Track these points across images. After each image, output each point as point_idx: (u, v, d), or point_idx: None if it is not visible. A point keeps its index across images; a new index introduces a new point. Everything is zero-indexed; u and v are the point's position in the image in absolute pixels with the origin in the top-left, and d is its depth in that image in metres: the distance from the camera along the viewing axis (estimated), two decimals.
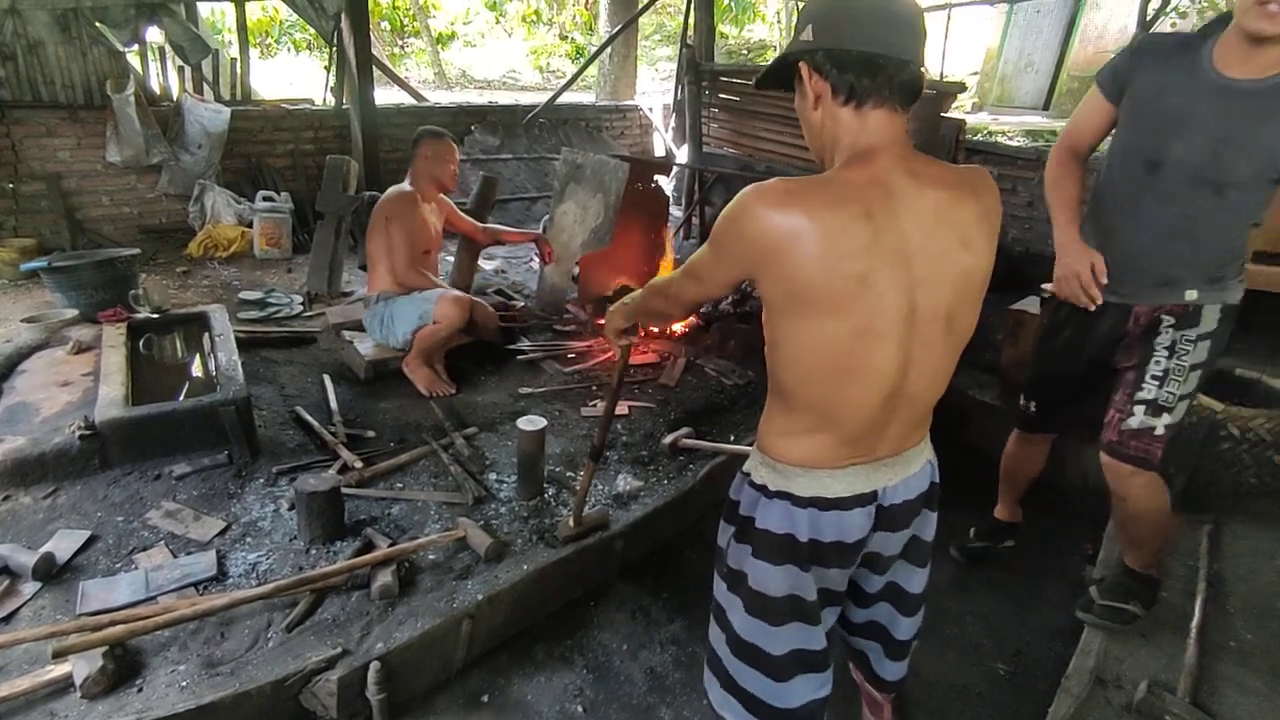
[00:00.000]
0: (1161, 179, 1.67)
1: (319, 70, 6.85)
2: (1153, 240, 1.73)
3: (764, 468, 1.18)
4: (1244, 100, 1.55)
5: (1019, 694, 1.97)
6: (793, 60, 1.07)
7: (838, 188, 1.01)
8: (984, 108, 11.49)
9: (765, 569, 1.17)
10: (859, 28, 1.00)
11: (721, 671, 1.31)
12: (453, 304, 2.94)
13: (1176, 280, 1.74)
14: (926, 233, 1.02)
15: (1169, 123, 1.64)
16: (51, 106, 4.68)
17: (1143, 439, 1.76)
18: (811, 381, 1.07)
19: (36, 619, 1.80)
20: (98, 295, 3.28)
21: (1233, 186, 1.61)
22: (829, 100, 1.04)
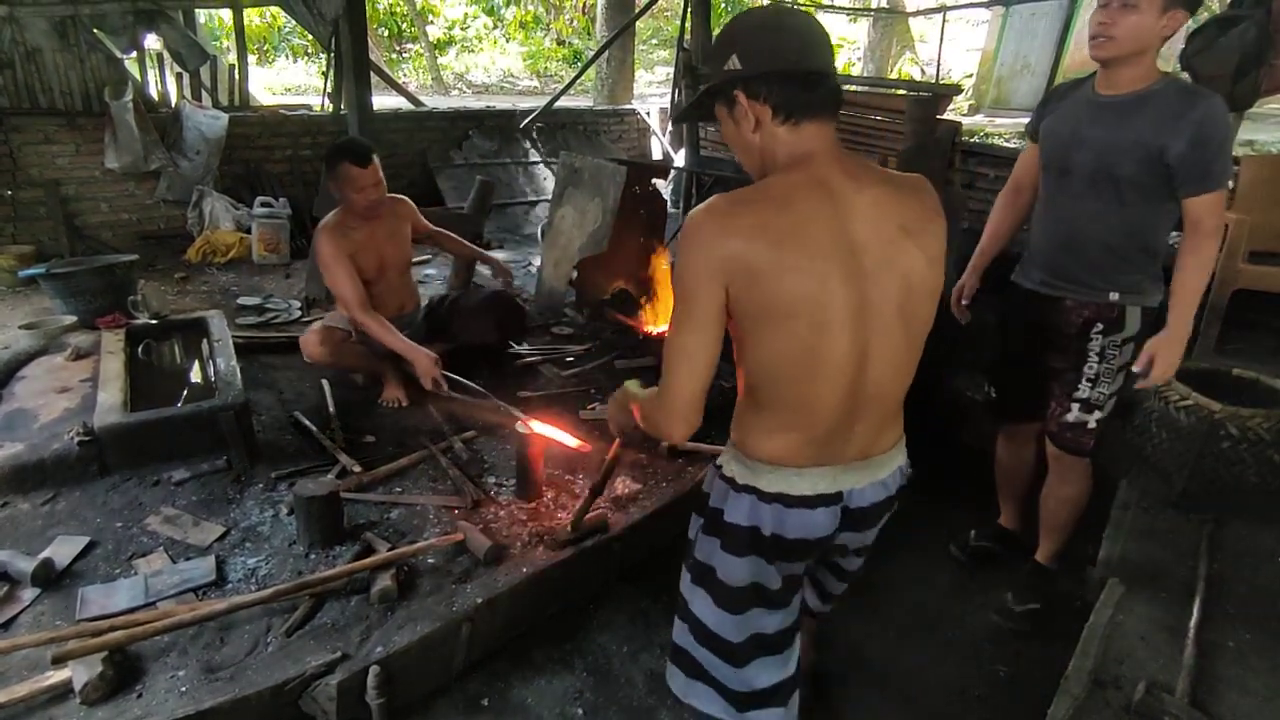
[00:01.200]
0: (1070, 182, 1.97)
1: (317, 76, 6.86)
2: (1070, 237, 1.99)
3: (734, 462, 1.20)
4: (1113, 111, 1.86)
5: (1018, 695, 1.97)
6: (723, 89, 1.10)
7: (780, 190, 1.06)
8: (980, 110, 11.53)
9: (731, 561, 1.21)
10: (786, 50, 1.05)
11: (687, 661, 1.34)
12: (311, 333, 2.76)
13: (1095, 279, 1.97)
14: (871, 227, 1.07)
15: (1069, 138, 1.95)
16: (50, 113, 4.69)
17: (1077, 431, 2.08)
18: (778, 381, 1.11)
19: (36, 625, 1.80)
20: (96, 301, 3.27)
21: (1126, 184, 1.86)
22: (769, 121, 1.08)
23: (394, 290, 2.98)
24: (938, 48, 8.93)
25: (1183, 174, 1.77)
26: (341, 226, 2.76)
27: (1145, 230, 1.92)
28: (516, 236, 5.99)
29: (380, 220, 2.84)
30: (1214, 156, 1.75)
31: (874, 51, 12.92)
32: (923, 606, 2.31)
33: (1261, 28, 3.20)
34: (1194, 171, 1.76)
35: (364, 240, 2.79)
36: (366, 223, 2.79)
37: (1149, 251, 1.95)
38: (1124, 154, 1.84)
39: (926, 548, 2.56)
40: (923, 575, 2.45)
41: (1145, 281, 1.97)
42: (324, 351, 2.72)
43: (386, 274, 2.92)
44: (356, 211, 2.73)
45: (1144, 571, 2.13)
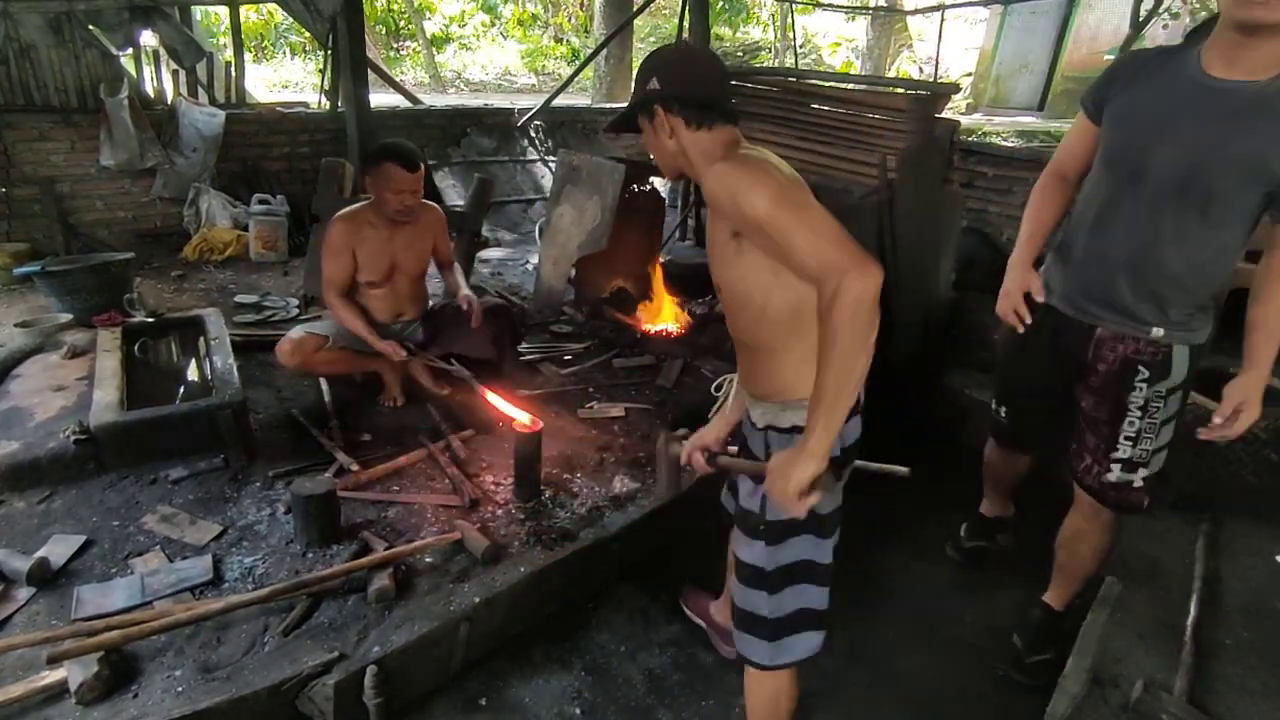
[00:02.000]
0: (1143, 188, 1.58)
1: (314, 73, 6.84)
2: (1130, 257, 1.64)
3: (788, 411, 1.36)
4: (1231, 102, 1.43)
5: (1017, 694, 1.98)
6: (645, 105, 1.37)
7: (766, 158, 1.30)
8: (978, 109, 11.54)
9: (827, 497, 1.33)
10: (693, 78, 1.35)
11: (773, 625, 1.46)
12: (284, 341, 2.73)
13: (1142, 310, 1.66)
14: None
15: (1150, 128, 1.55)
16: (44, 110, 4.66)
17: (1123, 491, 1.81)
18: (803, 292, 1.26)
19: (31, 625, 1.79)
20: (92, 299, 3.26)
21: (1217, 203, 1.50)
22: (682, 130, 1.35)
23: (400, 296, 2.92)
24: (936, 46, 8.93)
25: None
26: (358, 220, 2.74)
27: (1222, 258, 1.59)
28: (515, 234, 5.98)
29: (403, 226, 2.79)
30: None
31: (872, 50, 12.92)
32: (922, 606, 2.32)
33: None
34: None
35: (377, 241, 2.76)
36: (387, 225, 2.76)
37: (1217, 283, 1.63)
38: (1233, 162, 1.45)
39: (926, 547, 2.56)
40: (922, 575, 2.45)
41: (1197, 317, 1.67)
42: (295, 361, 2.71)
43: (395, 279, 2.87)
44: (385, 212, 2.71)
45: (1142, 570, 2.14)
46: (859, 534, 1.58)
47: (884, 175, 3.36)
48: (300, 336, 2.72)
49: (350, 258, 2.75)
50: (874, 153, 3.43)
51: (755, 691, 1.58)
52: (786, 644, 1.48)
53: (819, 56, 15.68)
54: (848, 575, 1.61)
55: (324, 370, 2.87)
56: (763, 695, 1.57)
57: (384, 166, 2.60)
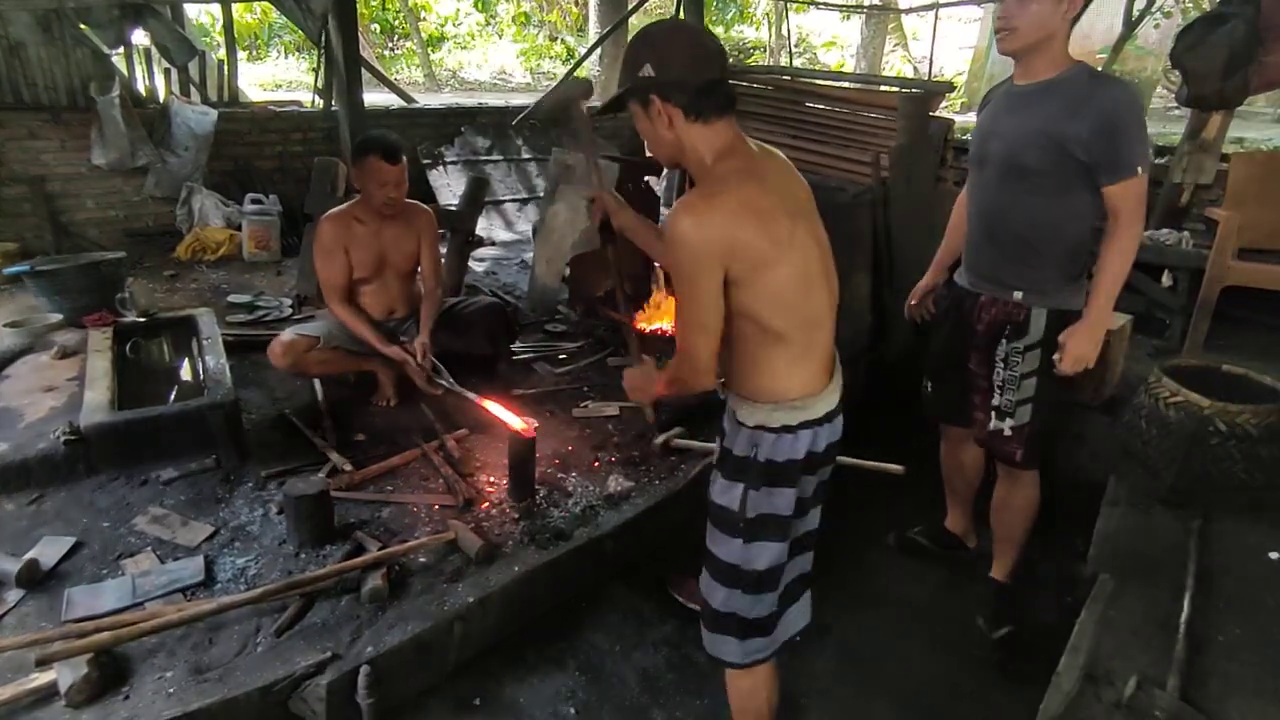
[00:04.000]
0: (985, 173, 1.97)
1: (307, 72, 6.82)
2: (981, 229, 2.02)
3: (777, 411, 1.37)
4: (1022, 99, 1.87)
5: (1010, 691, 1.98)
6: (638, 91, 1.30)
7: (733, 175, 1.28)
8: (972, 108, 11.55)
9: (786, 493, 1.39)
10: (690, 61, 1.27)
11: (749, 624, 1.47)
12: (275, 343, 2.71)
13: (1007, 276, 1.97)
14: (793, 183, 1.40)
15: (987, 128, 1.97)
16: (34, 108, 4.63)
17: (997, 440, 2.06)
18: (788, 305, 1.31)
19: (21, 626, 1.78)
20: (83, 299, 3.24)
21: (1035, 174, 1.84)
22: (680, 121, 1.29)
23: (390, 293, 2.94)
24: (930, 45, 8.95)
25: (1094, 162, 1.75)
26: (346, 217, 2.76)
27: (1056, 223, 1.88)
28: (509, 233, 5.97)
29: (391, 221, 2.81)
30: (1124, 143, 1.72)
31: (866, 49, 12.94)
32: (914, 602, 2.32)
33: (1250, 25, 3.22)
34: (1105, 159, 1.74)
35: (366, 237, 2.77)
36: (375, 220, 2.78)
37: (1062, 247, 1.90)
38: (1029, 142, 1.83)
39: None
40: (914, 572, 2.45)
41: (1055, 281, 1.93)
42: (287, 362, 2.70)
43: (384, 275, 2.88)
44: (372, 206, 2.73)
45: (1134, 567, 2.14)
46: (851, 532, 1.58)
47: (877, 174, 3.37)
48: (291, 338, 2.72)
49: (344, 256, 2.74)
50: (868, 151, 3.43)
51: (733, 687, 1.59)
52: (757, 643, 1.49)
53: (813, 55, 15.71)
54: (840, 573, 1.61)
55: (317, 371, 2.86)
56: (741, 690, 1.57)
57: (366, 160, 2.63)
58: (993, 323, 2.00)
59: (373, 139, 2.68)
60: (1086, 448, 2.94)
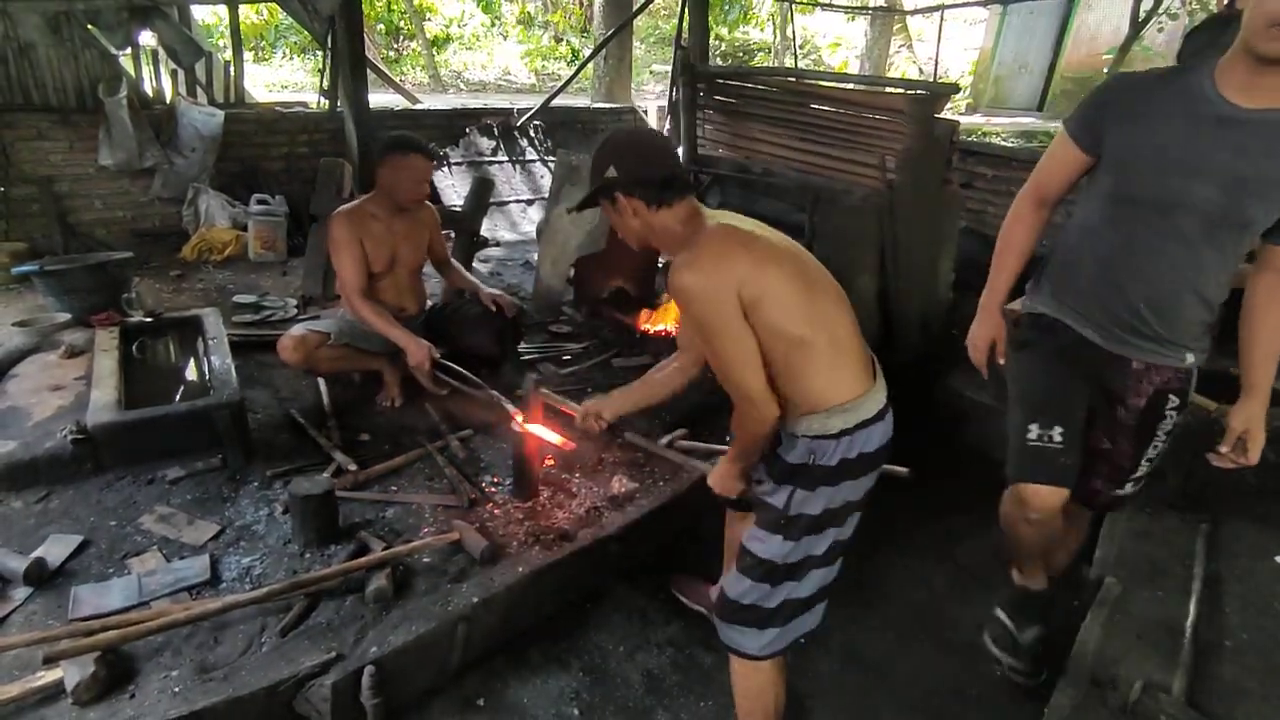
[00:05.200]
0: (1176, 222, 1.51)
1: (313, 73, 6.83)
2: (1163, 291, 1.58)
3: (822, 419, 1.43)
4: (1266, 131, 1.40)
5: (1016, 695, 1.97)
6: (606, 190, 1.49)
7: (703, 227, 1.46)
8: (978, 109, 11.54)
9: (829, 491, 1.45)
10: (647, 161, 1.47)
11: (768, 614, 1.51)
12: (286, 338, 2.74)
13: (1177, 337, 1.62)
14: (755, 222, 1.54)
15: (1179, 163, 1.48)
16: (43, 109, 4.65)
17: (1115, 501, 1.91)
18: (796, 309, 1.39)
19: (28, 624, 1.78)
20: (90, 299, 3.25)
21: (1251, 229, 1.49)
22: (644, 210, 1.47)
23: (401, 289, 2.97)
24: (935, 46, 8.94)
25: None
26: (360, 213, 2.80)
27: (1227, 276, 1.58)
28: (514, 234, 5.98)
29: (402, 216, 2.87)
30: None
31: (872, 50, 12.92)
32: (920, 607, 2.31)
33: None
34: None
35: (380, 232, 2.81)
36: (388, 215, 2.83)
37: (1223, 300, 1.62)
38: (1262, 195, 1.44)
39: (925, 549, 2.56)
40: (920, 576, 2.45)
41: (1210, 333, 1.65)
42: (297, 357, 2.71)
43: (396, 270, 2.92)
44: (400, 200, 2.80)
45: (1141, 571, 2.13)
46: (858, 535, 1.57)
47: (883, 176, 3.36)
48: (303, 333, 2.73)
49: (360, 248, 2.77)
50: (873, 153, 3.43)
51: (742, 686, 1.60)
52: (775, 633, 1.52)
53: (818, 57, 15.69)
54: (846, 576, 1.61)
55: (326, 368, 2.87)
56: (750, 689, 1.59)
57: (409, 157, 2.73)
58: (1159, 393, 1.66)
59: (411, 139, 2.80)
60: None
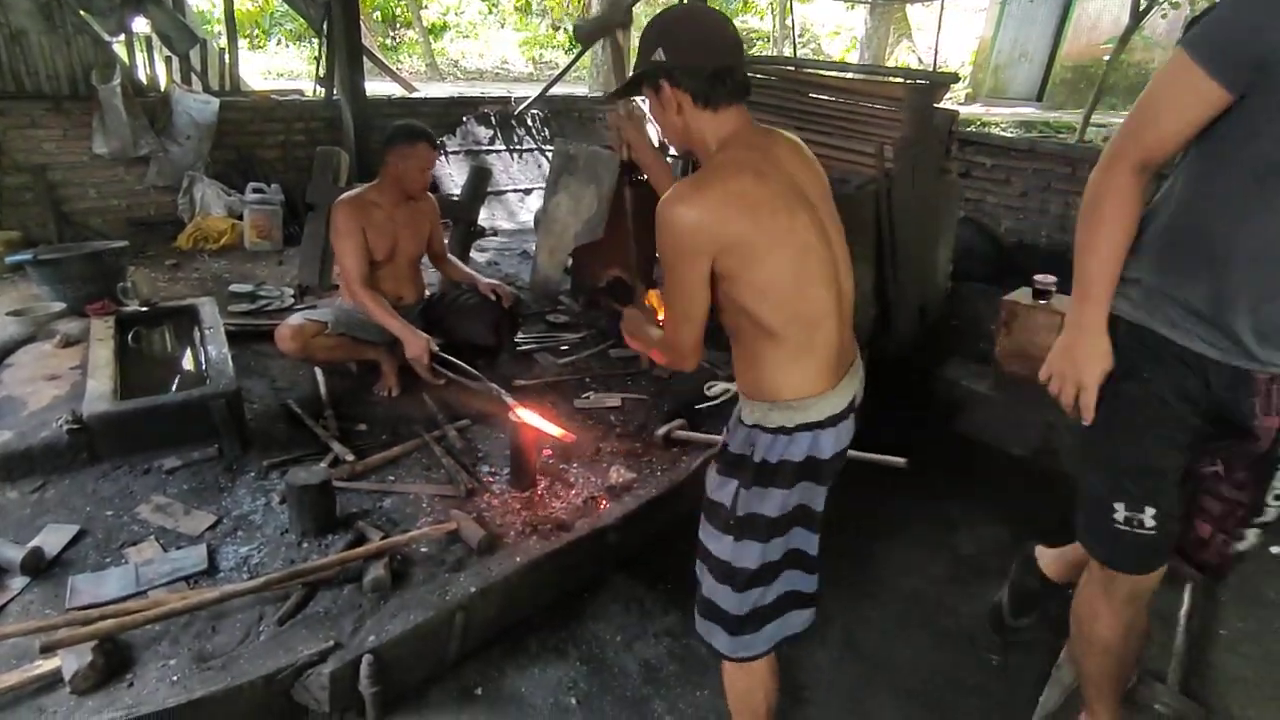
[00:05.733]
0: None
1: (309, 61, 6.78)
2: None
3: (774, 411, 1.32)
4: None
5: (1011, 684, 1.98)
6: (650, 75, 1.30)
7: (729, 165, 1.26)
8: (977, 99, 11.49)
9: (778, 495, 1.34)
10: (703, 47, 1.27)
11: (737, 620, 1.42)
12: (284, 327, 2.75)
13: None
14: (798, 169, 1.34)
15: None
16: (35, 97, 4.61)
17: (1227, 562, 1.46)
18: (784, 300, 1.27)
19: (25, 614, 1.78)
20: (85, 288, 3.23)
21: None
22: (690, 107, 1.29)
23: (400, 278, 2.98)
24: (935, 35, 8.88)
25: None
26: (362, 201, 2.80)
27: None
28: (511, 224, 5.96)
29: (403, 206, 2.88)
30: None
31: (871, 39, 12.84)
32: (917, 596, 2.32)
33: None
34: None
35: (382, 221, 2.82)
36: (390, 205, 2.84)
37: None
38: None
39: (921, 538, 2.57)
40: (917, 566, 2.45)
41: None
42: (295, 346, 2.72)
43: (396, 260, 2.92)
44: (406, 189, 2.81)
45: None
46: (854, 524, 1.57)
47: (881, 165, 3.35)
48: (300, 322, 2.74)
49: (363, 237, 2.77)
50: (872, 142, 3.41)
51: (730, 685, 1.56)
52: (748, 639, 1.43)
53: (818, 46, 15.61)
54: (842, 565, 1.61)
55: (323, 357, 2.86)
56: (738, 689, 1.54)
57: (418, 146, 2.75)
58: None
59: (417, 127, 2.80)
60: None
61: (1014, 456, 3.10)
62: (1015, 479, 2.96)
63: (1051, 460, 3.03)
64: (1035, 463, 3.06)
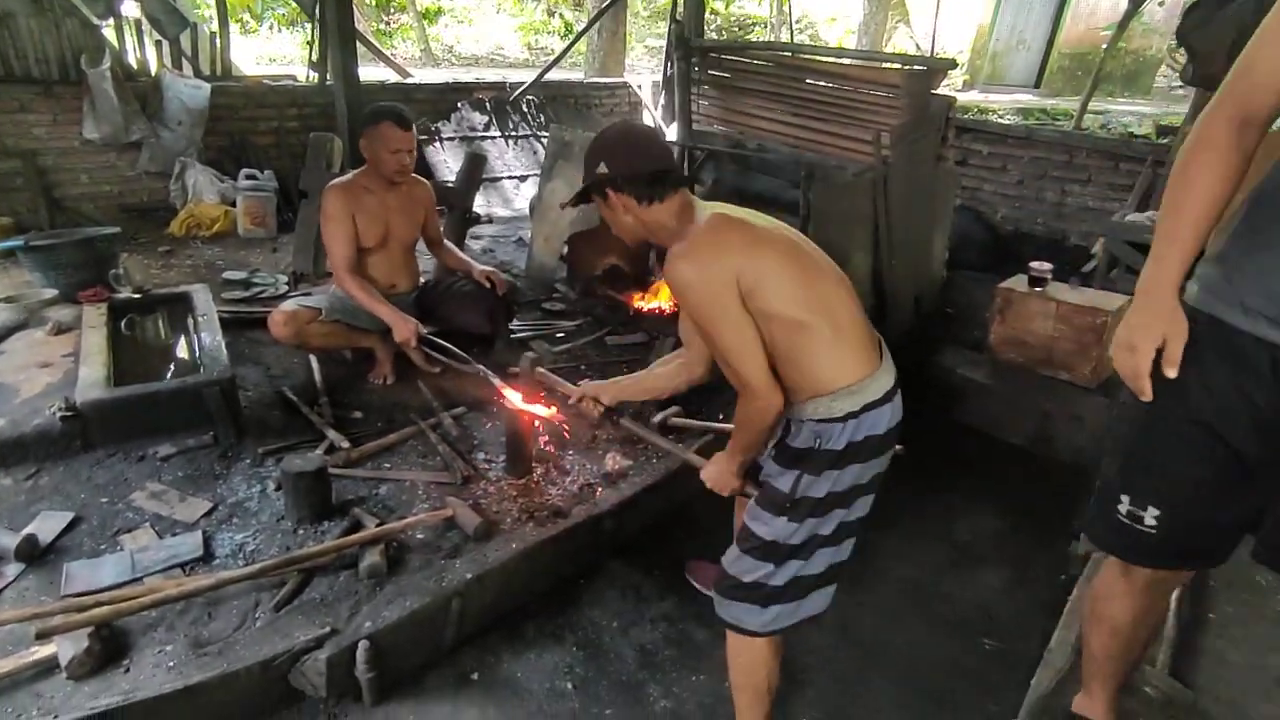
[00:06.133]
0: None
1: (301, 46, 6.71)
2: None
3: (828, 403, 1.40)
4: None
5: (1004, 667, 2.00)
6: (596, 187, 1.50)
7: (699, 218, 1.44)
8: (975, 85, 11.43)
9: (835, 475, 1.42)
10: (639, 156, 1.47)
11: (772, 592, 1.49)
12: (276, 313, 2.71)
13: None
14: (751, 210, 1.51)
15: None
16: (24, 81, 4.55)
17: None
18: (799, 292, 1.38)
19: (20, 600, 1.78)
20: (77, 275, 3.21)
21: None
22: (635, 207, 1.48)
23: (394, 265, 2.95)
24: (933, 21, 8.82)
25: None
26: (353, 186, 2.77)
27: None
28: (507, 211, 5.93)
29: (395, 191, 2.84)
30: None
31: (868, 25, 12.76)
32: (913, 583, 2.34)
33: (1259, 3, 3.17)
34: None
35: (373, 206, 2.78)
36: (381, 190, 2.80)
37: None
38: None
39: (917, 526, 2.58)
40: (913, 553, 2.47)
41: None
42: (288, 332, 2.69)
43: (389, 245, 2.89)
44: (384, 174, 2.75)
45: None
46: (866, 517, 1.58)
47: (878, 152, 3.34)
48: (294, 309, 2.72)
49: (352, 224, 2.73)
50: (869, 129, 3.40)
51: (736, 662, 1.60)
52: (780, 611, 1.50)
53: (815, 32, 15.51)
54: None
55: (317, 344, 2.85)
56: (744, 665, 1.59)
57: (380, 126, 2.67)
58: None
59: (384, 107, 2.73)
60: (1084, 429, 2.95)
61: (1009, 444, 3.12)
62: (1010, 467, 2.98)
63: (1047, 448, 3.05)
64: (1031, 451, 3.08)
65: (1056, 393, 3.08)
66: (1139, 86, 10.90)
